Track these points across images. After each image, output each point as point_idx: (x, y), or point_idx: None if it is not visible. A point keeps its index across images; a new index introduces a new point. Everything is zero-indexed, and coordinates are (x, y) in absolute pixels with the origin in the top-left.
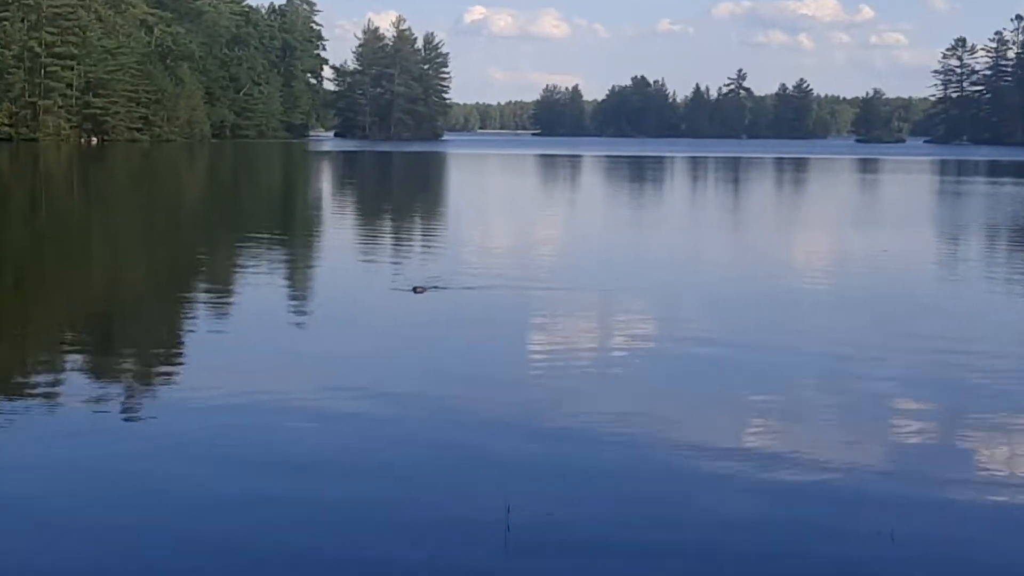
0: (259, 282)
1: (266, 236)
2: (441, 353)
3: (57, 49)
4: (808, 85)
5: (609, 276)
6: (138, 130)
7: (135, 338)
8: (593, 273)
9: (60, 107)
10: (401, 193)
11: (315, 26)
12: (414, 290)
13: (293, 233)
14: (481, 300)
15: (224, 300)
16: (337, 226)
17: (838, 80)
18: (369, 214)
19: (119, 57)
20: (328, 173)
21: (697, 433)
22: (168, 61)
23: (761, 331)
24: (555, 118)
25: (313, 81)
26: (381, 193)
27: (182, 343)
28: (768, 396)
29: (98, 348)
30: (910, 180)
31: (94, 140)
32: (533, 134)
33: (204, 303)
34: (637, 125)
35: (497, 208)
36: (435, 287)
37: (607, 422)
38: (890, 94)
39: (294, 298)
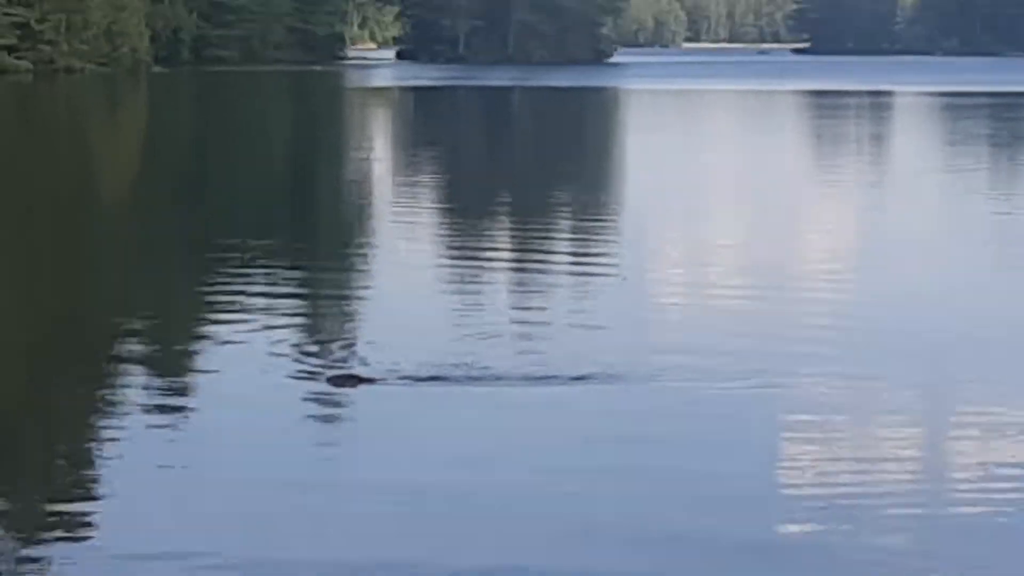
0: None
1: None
2: None
3: None
4: None
5: None
6: (11, 50)
7: None
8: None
9: None
10: (528, 173)
11: None
12: (331, 381)
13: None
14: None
15: None
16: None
17: None
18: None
19: None
20: (382, 132)
21: None
22: None
23: None
24: (837, 17)
25: None
26: (487, 171)
27: None
28: None
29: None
30: None
31: None
32: (795, 49)
33: None
34: (1002, 31)
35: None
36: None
37: None
38: None
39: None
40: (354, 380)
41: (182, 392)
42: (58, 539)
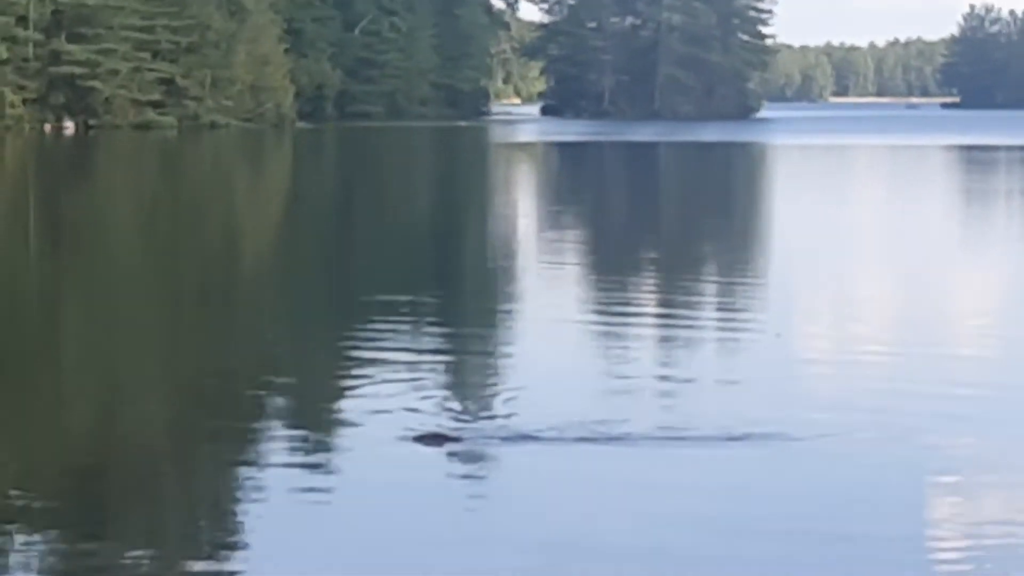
0: None
1: None
2: None
3: None
4: None
5: None
6: (156, 106)
7: None
8: None
9: (3, 63)
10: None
11: None
12: (418, 440)
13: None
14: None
15: None
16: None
17: None
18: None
19: None
20: (527, 186)
21: None
22: None
23: None
24: (987, 70)
25: (499, 6)
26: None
27: None
28: None
29: None
30: None
31: (69, 126)
32: (945, 104)
33: None
34: None
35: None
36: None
37: None
38: None
39: None
40: (440, 439)
41: (316, 451)
42: None
